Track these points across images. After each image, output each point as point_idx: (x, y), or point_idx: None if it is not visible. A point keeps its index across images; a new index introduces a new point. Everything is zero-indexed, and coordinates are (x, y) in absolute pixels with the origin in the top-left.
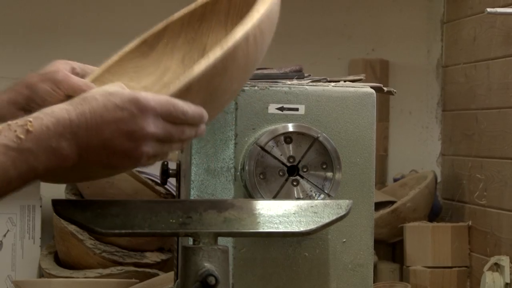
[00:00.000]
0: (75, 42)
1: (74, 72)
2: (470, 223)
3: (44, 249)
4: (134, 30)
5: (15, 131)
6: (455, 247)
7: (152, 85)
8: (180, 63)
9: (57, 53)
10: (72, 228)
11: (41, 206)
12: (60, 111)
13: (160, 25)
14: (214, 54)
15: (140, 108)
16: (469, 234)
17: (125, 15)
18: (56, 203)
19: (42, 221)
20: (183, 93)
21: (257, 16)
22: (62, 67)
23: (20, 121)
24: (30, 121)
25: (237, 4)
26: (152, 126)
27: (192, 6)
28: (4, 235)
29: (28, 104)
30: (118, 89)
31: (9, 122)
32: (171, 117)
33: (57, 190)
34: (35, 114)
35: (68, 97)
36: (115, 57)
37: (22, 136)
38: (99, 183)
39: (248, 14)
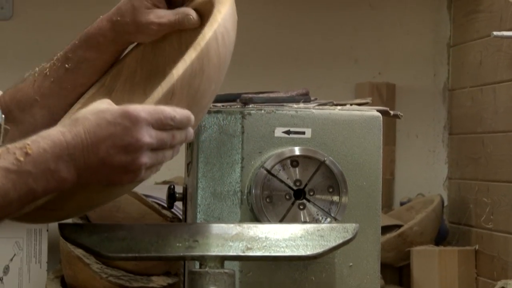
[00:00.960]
0: None
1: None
2: (477, 247)
3: (50, 273)
4: None
5: (14, 153)
6: (462, 271)
7: None
8: (143, 95)
9: None
10: (78, 252)
11: (47, 230)
12: (56, 134)
13: (115, 66)
14: (190, 56)
15: (132, 121)
16: (476, 258)
17: None
18: (62, 227)
19: (48, 245)
20: (168, 99)
21: (220, 16)
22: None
23: (18, 144)
24: (29, 144)
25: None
26: (147, 136)
27: None
28: (11, 259)
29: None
30: (107, 106)
31: (8, 146)
32: (161, 125)
33: None
34: (32, 138)
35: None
36: (77, 105)
37: (21, 159)
38: (106, 206)
39: (211, 16)
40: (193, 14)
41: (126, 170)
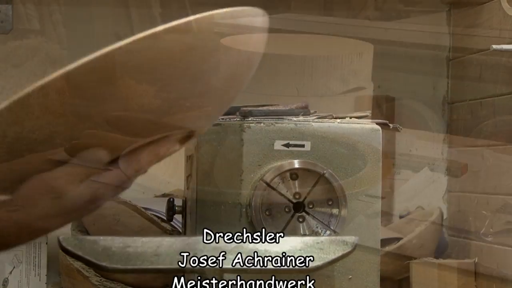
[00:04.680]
0: None
1: None
2: (476, 260)
3: (50, 286)
4: None
5: None
6: (462, 284)
7: None
8: None
9: None
10: (78, 265)
11: (47, 243)
12: None
13: None
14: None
15: None
16: (475, 271)
17: None
18: (62, 239)
19: (48, 258)
20: None
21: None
22: None
23: None
24: None
25: None
26: None
27: None
28: (10, 272)
29: None
30: None
31: None
32: None
33: (63, 227)
34: None
35: None
36: None
37: None
38: (105, 219)
39: None
40: None
41: None
